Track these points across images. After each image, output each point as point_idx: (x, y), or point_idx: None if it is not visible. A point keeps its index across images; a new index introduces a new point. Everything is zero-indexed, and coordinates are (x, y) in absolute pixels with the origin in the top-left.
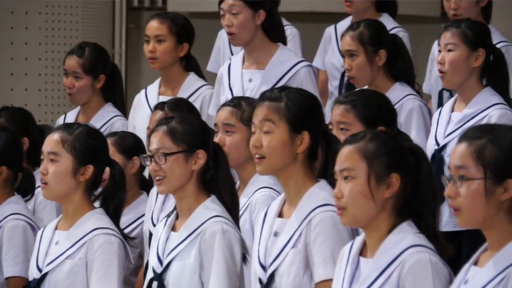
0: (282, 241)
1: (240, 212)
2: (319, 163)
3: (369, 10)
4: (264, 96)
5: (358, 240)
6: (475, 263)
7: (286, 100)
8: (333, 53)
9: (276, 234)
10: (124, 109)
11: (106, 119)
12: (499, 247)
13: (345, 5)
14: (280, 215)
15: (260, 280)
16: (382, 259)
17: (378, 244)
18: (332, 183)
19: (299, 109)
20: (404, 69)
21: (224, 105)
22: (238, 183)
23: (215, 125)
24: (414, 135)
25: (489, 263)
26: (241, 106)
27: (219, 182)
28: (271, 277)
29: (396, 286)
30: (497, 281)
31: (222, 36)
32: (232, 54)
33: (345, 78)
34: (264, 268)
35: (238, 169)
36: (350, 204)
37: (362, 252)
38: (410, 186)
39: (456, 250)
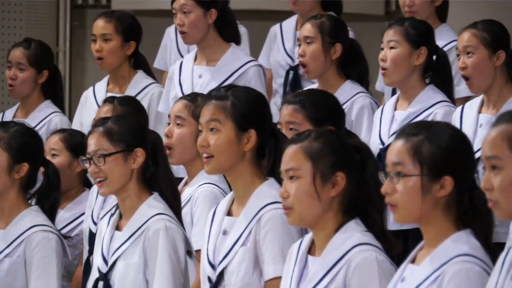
0: (231, 239)
1: (182, 205)
2: (267, 161)
3: (315, 9)
4: (210, 95)
5: (307, 238)
6: (412, 261)
7: (233, 98)
8: (278, 51)
9: (225, 233)
10: (62, 107)
11: (44, 115)
12: (436, 244)
13: (291, 4)
14: (229, 213)
15: (209, 279)
16: (329, 257)
17: (326, 243)
18: (280, 181)
19: (245, 107)
20: (359, 72)
21: (181, 97)
22: (186, 177)
23: (169, 116)
24: (365, 133)
25: (425, 261)
26: (197, 101)
27: (159, 179)
28: (220, 275)
29: (343, 284)
30: (432, 278)
31: (169, 34)
32: (179, 51)
33: (290, 76)
34: (213, 266)
35: (186, 165)
36: (296, 204)
37: (310, 250)
38: (356, 185)
39: (403, 248)
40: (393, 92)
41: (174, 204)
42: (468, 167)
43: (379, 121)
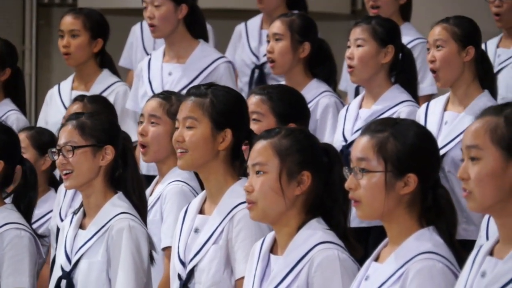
0: (203, 237)
1: (152, 203)
2: (241, 162)
3: (280, 8)
4: (190, 92)
5: (269, 237)
6: (376, 259)
7: (212, 97)
8: (243, 50)
9: (196, 231)
10: (23, 106)
11: (1, 112)
12: (399, 241)
13: (256, 2)
14: (201, 211)
15: (179, 276)
16: (292, 256)
17: (288, 241)
18: None
19: (223, 106)
20: (327, 72)
21: (154, 96)
22: (157, 177)
23: (142, 115)
24: (329, 132)
25: (389, 259)
26: (171, 99)
27: (127, 180)
28: (191, 273)
29: (305, 283)
30: (396, 276)
31: (135, 32)
32: (144, 49)
33: (255, 75)
34: (183, 264)
35: (158, 163)
36: (260, 198)
37: (272, 249)
38: (322, 185)
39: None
40: (356, 92)
41: (139, 205)
42: (433, 165)
43: (344, 119)
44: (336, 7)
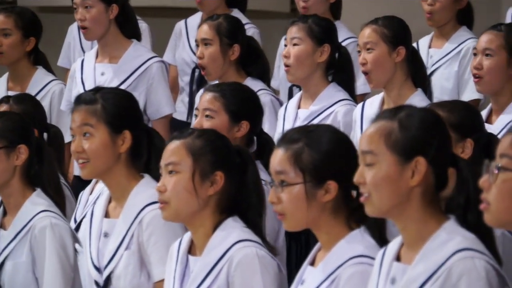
0: (114, 243)
1: (93, 201)
2: (142, 160)
3: (220, 6)
4: (80, 100)
5: (186, 238)
6: (312, 263)
7: (102, 101)
8: (183, 49)
9: (106, 235)
10: None
11: None
12: (330, 246)
13: (196, 3)
14: (106, 215)
15: (97, 283)
16: (210, 256)
17: (205, 242)
18: (157, 178)
19: (116, 109)
20: (260, 70)
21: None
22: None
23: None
24: (267, 130)
25: (322, 263)
26: None
27: (43, 176)
28: (108, 279)
29: (226, 282)
30: (329, 281)
31: (73, 31)
32: (82, 49)
33: (196, 74)
34: (99, 270)
35: None
36: (172, 198)
37: (190, 250)
38: (235, 186)
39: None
40: (289, 91)
41: (58, 200)
42: (351, 168)
43: (283, 119)
44: (275, 6)
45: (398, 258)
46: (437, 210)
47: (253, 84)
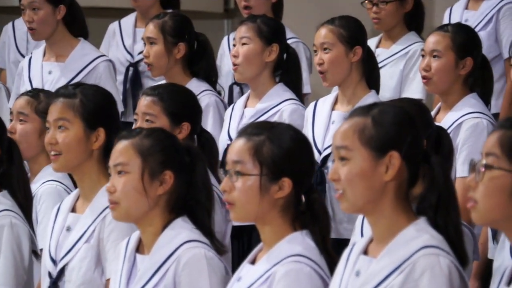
0: (74, 235)
1: None
2: None
3: (155, 6)
4: (58, 93)
5: (134, 236)
6: (253, 262)
7: (81, 97)
8: (117, 48)
9: (68, 229)
10: None
11: None
12: (272, 244)
13: (131, 1)
14: (73, 210)
15: (50, 274)
16: (158, 255)
17: (154, 241)
18: None
19: (94, 105)
20: (205, 68)
21: (23, 94)
22: (28, 175)
23: (11, 113)
24: (210, 130)
25: (261, 261)
26: (39, 97)
27: (12, 177)
28: (61, 271)
29: (173, 282)
30: (264, 277)
31: (8, 31)
32: (17, 48)
33: (130, 73)
34: (54, 262)
35: (29, 162)
36: (122, 198)
37: (138, 249)
38: (185, 185)
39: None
40: (230, 89)
41: (24, 203)
42: (307, 170)
43: (229, 118)
44: (209, 6)
45: (366, 252)
46: (408, 208)
47: (198, 85)
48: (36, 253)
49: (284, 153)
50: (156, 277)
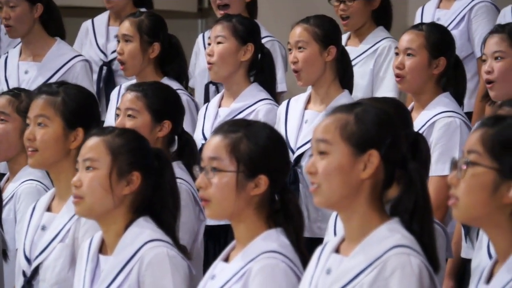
0: (49, 235)
1: (5, 202)
2: None
3: (128, 6)
4: (41, 90)
5: (97, 237)
6: (226, 260)
7: (64, 95)
8: (91, 47)
9: (43, 228)
10: None
11: None
12: (246, 242)
13: (104, 1)
14: (49, 209)
15: (24, 273)
16: (121, 255)
17: (116, 241)
18: None
19: (75, 105)
20: (177, 69)
21: (3, 93)
22: (8, 174)
23: None
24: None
25: (236, 258)
26: (20, 96)
27: None
28: (36, 270)
29: (136, 282)
30: (240, 274)
31: None
32: None
33: (103, 72)
34: (29, 261)
35: (9, 162)
36: (88, 194)
37: (101, 249)
38: (151, 188)
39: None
40: (206, 89)
41: None
42: (283, 168)
43: (203, 117)
44: (182, 5)
45: (337, 251)
46: (381, 208)
47: (169, 83)
48: (5, 253)
49: (261, 151)
50: (120, 277)
